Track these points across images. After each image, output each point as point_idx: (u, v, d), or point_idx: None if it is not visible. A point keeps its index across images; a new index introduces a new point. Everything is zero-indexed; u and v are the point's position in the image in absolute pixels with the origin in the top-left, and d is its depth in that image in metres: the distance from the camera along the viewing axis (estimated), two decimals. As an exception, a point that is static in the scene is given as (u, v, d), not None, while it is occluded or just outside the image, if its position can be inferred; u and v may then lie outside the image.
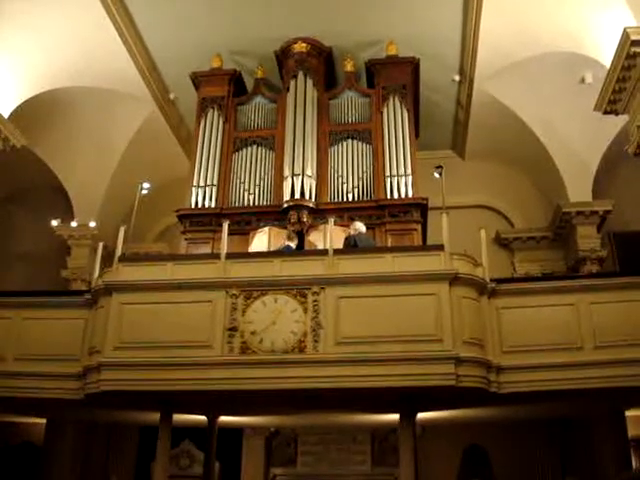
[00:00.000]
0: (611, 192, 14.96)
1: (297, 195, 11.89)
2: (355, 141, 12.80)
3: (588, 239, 14.54)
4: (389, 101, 12.95)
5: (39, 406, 10.47)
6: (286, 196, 11.98)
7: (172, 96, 15.03)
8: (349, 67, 13.66)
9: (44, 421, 13.82)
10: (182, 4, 12.47)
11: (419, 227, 11.93)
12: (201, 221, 12.40)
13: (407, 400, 8.62)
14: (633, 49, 9.83)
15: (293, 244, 10.24)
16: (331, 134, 12.95)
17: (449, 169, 11.06)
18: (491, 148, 16.04)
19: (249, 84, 14.18)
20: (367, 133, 12.85)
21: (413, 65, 13.28)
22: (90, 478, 14.27)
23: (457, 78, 14.32)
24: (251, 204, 12.40)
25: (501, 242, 15.99)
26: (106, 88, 14.06)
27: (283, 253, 9.67)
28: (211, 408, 10.78)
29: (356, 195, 12.18)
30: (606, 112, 11.11)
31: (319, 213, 11.96)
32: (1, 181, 15.87)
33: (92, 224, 15.25)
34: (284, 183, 12.13)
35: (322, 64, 13.60)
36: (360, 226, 10.13)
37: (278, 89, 14.02)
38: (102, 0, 11.94)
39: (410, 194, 11.99)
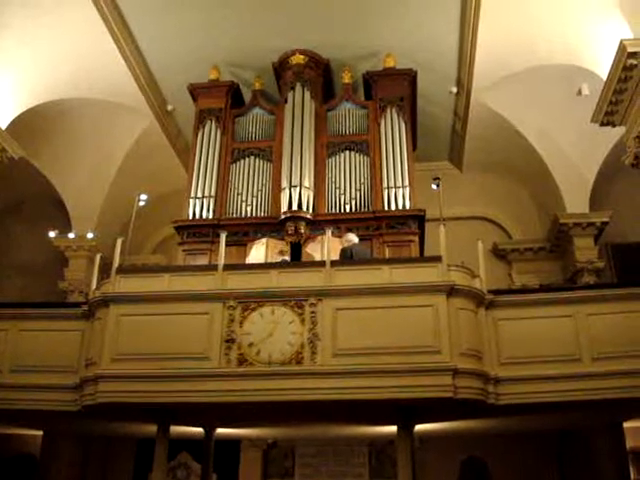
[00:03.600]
0: (608, 203, 15.00)
1: (294, 206, 11.88)
2: (353, 152, 12.80)
3: (585, 250, 14.57)
4: (387, 113, 12.97)
5: (36, 418, 10.45)
6: (283, 207, 11.97)
7: (170, 108, 15.05)
8: (347, 79, 13.69)
9: (41, 433, 13.79)
10: (180, 16, 12.49)
11: (416, 239, 11.92)
12: (199, 232, 12.38)
13: (405, 412, 8.61)
14: (630, 61, 9.88)
15: (288, 257, 10.25)
16: (329, 145, 12.96)
17: (446, 181, 11.10)
18: (488, 160, 16.07)
19: (247, 96, 14.19)
20: (365, 145, 12.86)
21: (410, 77, 13.30)
22: (87, 490, 14.23)
23: (454, 90, 14.36)
24: (249, 215, 12.39)
25: (498, 253, 16.01)
26: (104, 99, 14.08)
27: (280, 264, 9.67)
28: (208, 420, 10.77)
29: (353, 206, 12.17)
30: (603, 124, 11.14)
31: (316, 224, 11.93)
32: (-2, 193, 15.89)
33: (90, 235, 15.26)
34: (282, 194, 12.13)
35: (320, 76, 13.63)
36: (352, 237, 10.14)
37: (276, 101, 14.05)
38: (100, 12, 11.96)
39: (407, 206, 11.98)
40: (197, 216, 12.44)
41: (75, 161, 15.39)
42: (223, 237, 9.22)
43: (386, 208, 12.01)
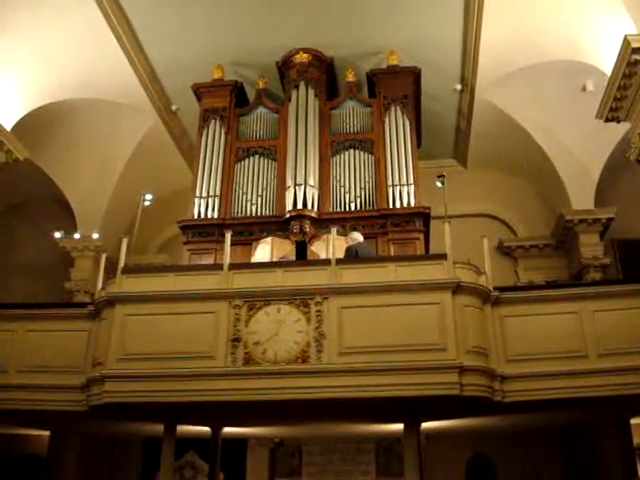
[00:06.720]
0: (614, 199, 14.95)
1: (299, 205, 11.89)
2: (357, 151, 12.81)
3: (591, 247, 14.54)
4: (391, 111, 12.97)
5: (43, 418, 10.45)
6: (288, 206, 11.98)
7: (174, 107, 15.08)
8: (350, 77, 13.68)
9: (48, 433, 13.82)
10: (183, 16, 12.50)
11: (422, 236, 11.92)
12: (204, 232, 12.39)
13: (411, 409, 8.60)
14: (634, 57, 9.84)
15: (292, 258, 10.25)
16: (333, 144, 12.97)
17: (451, 178, 11.04)
18: (493, 157, 16.06)
19: (251, 95, 14.21)
20: (369, 143, 12.86)
21: (414, 75, 13.30)
22: (94, 490, 14.27)
23: (458, 87, 14.34)
24: (254, 214, 12.41)
25: (504, 250, 15.99)
26: (108, 100, 14.12)
27: (286, 263, 9.67)
28: (215, 419, 10.77)
29: (358, 205, 12.18)
30: (608, 120, 11.10)
31: (321, 223, 11.94)
32: (4, 194, 15.89)
33: (95, 236, 15.26)
34: (286, 193, 12.14)
35: (323, 74, 13.63)
36: (357, 236, 10.12)
37: (280, 99, 14.05)
38: (104, 13, 12.00)
39: (412, 203, 11.98)
40: (202, 215, 12.46)
41: (80, 162, 15.41)
42: (228, 236, 9.21)
43: (391, 206, 12.02)
